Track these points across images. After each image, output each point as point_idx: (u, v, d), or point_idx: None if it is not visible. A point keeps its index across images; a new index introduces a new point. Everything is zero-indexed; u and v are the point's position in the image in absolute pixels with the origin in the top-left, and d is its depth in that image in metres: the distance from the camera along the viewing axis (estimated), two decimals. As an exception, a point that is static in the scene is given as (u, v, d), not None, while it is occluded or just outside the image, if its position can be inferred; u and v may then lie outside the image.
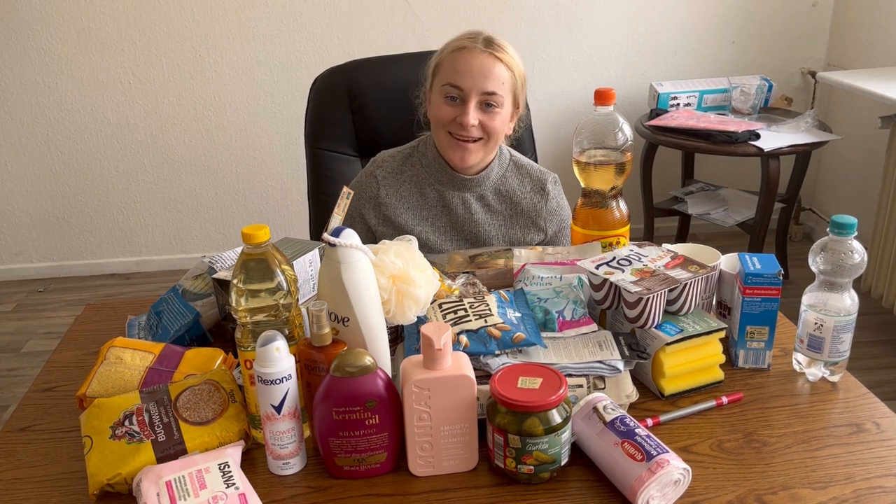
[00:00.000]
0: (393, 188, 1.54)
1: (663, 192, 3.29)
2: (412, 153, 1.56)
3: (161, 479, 0.91)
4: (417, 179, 1.54)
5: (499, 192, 1.55)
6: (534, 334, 1.08)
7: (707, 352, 1.12)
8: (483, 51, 1.43)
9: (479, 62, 1.42)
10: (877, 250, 2.69)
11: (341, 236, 0.97)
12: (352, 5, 3.10)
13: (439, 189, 1.53)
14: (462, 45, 1.44)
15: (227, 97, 3.21)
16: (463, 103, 1.43)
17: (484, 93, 1.43)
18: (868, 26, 3.09)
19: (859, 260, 1.09)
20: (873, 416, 1.07)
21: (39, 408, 1.15)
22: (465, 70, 1.42)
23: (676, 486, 0.92)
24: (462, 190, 1.53)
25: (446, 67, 1.45)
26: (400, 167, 1.55)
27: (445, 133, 1.47)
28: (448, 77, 1.44)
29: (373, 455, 0.97)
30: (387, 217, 1.54)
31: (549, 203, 1.57)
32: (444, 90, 1.44)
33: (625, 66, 3.31)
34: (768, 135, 2.75)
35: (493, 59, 1.43)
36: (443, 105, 1.45)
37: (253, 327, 0.99)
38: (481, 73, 1.42)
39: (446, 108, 1.45)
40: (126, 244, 3.42)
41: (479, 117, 1.43)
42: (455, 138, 1.46)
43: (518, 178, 1.57)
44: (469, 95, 1.42)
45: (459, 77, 1.42)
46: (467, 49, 1.43)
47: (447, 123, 1.45)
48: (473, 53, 1.43)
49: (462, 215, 1.54)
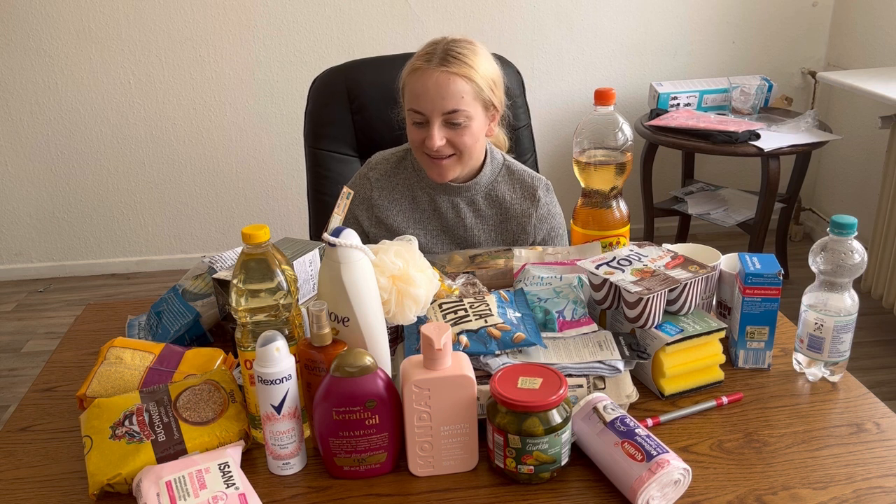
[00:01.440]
0: (386, 191, 1.54)
1: (663, 192, 3.29)
2: (405, 156, 1.56)
3: (161, 479, 0.91)
4: (409, 184, 1.54)
5: (489, 198, 1.54)
6: (534, 334, 1.08)
7: (707, 352, 1.12)
8: (437, 68, 1.39)
9: (434, 82, 1.38)
10: (877, 250, 2.69)
11: (341, 236, 0.97)
12: (352, 5, 3.10)
13: (430, 193, 1.53)
14: (416, 65, 1.41)
15: (227, 97, 3.21)
16: (427, 125, 1.41)
17: (445, 113, 1.39)
18: (868, 26, 3.09)
19: (859, 260, 1.09)
20: (873, 416, 1.07)
21: (39, 408, 1.15)
22: (423, 93, 1.39)
23: (676, 486, 0.92)
24: (452, 195, 1.53)
25: (408, 91, 1.44)
26: (393, 170, 1.55)
27: (420, 153, 1.47)
28: (410, 102, 1.43)
29: (373, 455, 0.97)
30: (379, 219, 1.54)
31: (540, 210, 1.54)
32: (410, 115, 1.44)
33: (625, 66, 3.31)
34: (768, 135, 2.75)
35: (448, 76, 1.38)
36: (412, 128, 1.44)
37: (253, 327, 0.99)
38: (438, 94, 1.38)
39: (415, 131, 1.44)
40: (126, 244, 3.42)
41: (445, 136, 1.41)
42: (429, 157, 1.45)
43: (509, 184, 1.54)
44: (431, 117, 1.40)
45: (419, 101, 1.40)
46: (421, 70, 1.40)
47: (418, 145, 1.45)
48: (427, 74, 1.39)
49: (452, 220, 1.54)
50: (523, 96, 1.84)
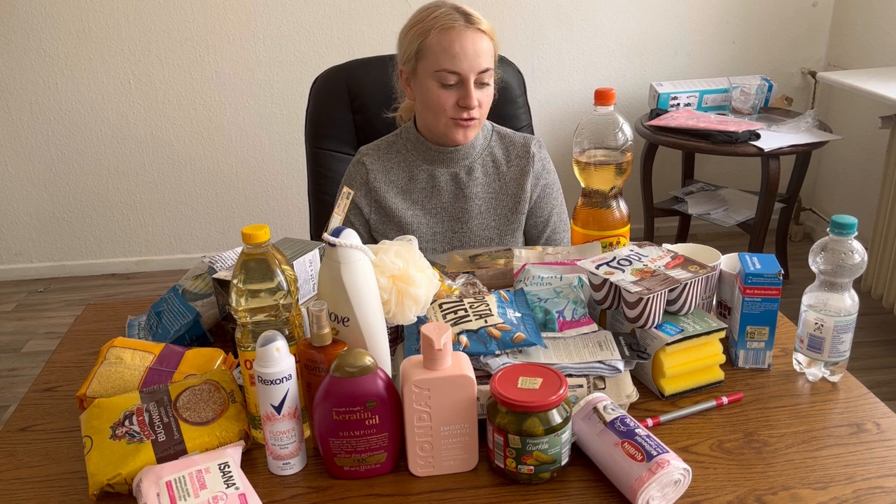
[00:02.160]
0: (381, 173, 1.54)
1: (663, 192, 3.29)
2: (395, 140, 1.57)
3: (161, 480, 0.91)
4: (406, 163, 1.54)
5: (486, 163, 1.55)
6: (534, 334, 1.08)
7: (707, 352, 1.12)
8: (468, 27, 1.40)
9: (471, 41, 1.39)
10: (877, 250, 2.69)
11: (341, 236, 0.97)
12: (352, 5, 3.10)
13: (427, 168, 1.53)
14: (446, 24, 1.40)
15: (227, 97, 3.21)
16: (462, 86, 1.41)
17: (479, 71, 1.41)
18: (868, 26, 3.09)
19: (859, 260, 1.09)
20: (873, 416, 1.07)
21: (39, 408, 1.15)
22: (460, 52, 1.39)
23: (676, 486, 0.92)
24: (449, 165, 1.53)
25: (436, 51, 1.40)
26: (386, 153, 1.55)
27: (447, 118, 1.44)
28: (442, 62, 1.40)
29: (373, 455, 0.97)
30: (378, 202, 1.54)
31: (536, 166, 1.56)
32: (438, 76, 1.41)
33: (625, 66, 3.31)
34: (768, 135, 2.75)
35: (480, 35, 1.41)
36: (439, 91, 1.42)
37: (253, 327, 0.99)
38: (475, 53, 1.40)
39: (444, 94, 1.42)
40: (126, 244, 3.42)
41: (477, 97, 1.42)
42: (458, 121, 1.44)
43: (502, 147, 1.57)
44: (467, 77, 1.40)
45: (455, 61, 1.39)
46: (454, 30, 1.39)
47: (448, 108, 1.43)
48: (462, 34, 1.39)
49: (452, 191, 1.54)
50: (523, 96, 1.84)
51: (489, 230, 1.56)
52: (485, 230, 1.55)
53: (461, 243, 1.55)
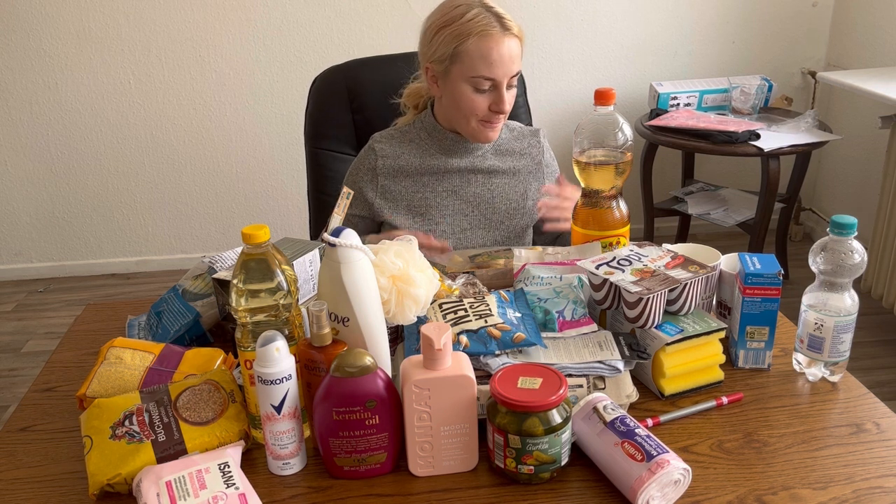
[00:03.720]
0: (391, 159, 1.56)
1: (663, 192, 3.29)
2: (410, 129, 1.59)
3: (161, 480, 0.91)
4: (419, 150, 1.57)
5: (499, 152, 1.59)
6: (534, 334, 1.08)
7: (707, 352, 1.12)
8: (504, 33, 1.42)
9: (507, 48, 1.42)
10: (877, 250, 2.69)
11: (341, 236, 0.97)
12: (352, 5, 3.10)
13: (440, 156, 1.56)
14: (484, 31, 1.41)
15: (227, 97, 3.21)
16: (495, 90, 1.45)
17: (511, 76, 1.46)
18: (868, 26, 3.09)
19: (859, 260, 1.09)
20: (873, 416, 1.07)
21: (39, 408, 1.15)
22: (497, 59, 1.41)
23: (676, 486, 0.92)
24: (463, 155, 1.56)
25: (474, 57, 1.42)
26: (399, 139, 1.58)
27: (477, 120, 1.48)
28: (479, 68, 1.42)
29: (373, 455, 0.97)
30: (384, 188, 1.56)
31: (545, 155, 1.63)
32: (474, 82, 1.44)
33: (625, 66, 3.31)
34: (768, 135, 2.75)
35: (514, 39, 1.44)
36: (473, 96, 1.45)
37: (253, 327, 0.99)
38: (510, 59, 1.43)
39: (478, 98, 1.45)
40: (126, 244, 3.42)
41: (507, 99, 1.47)
42: (488, 123, 1.48)
43: (512, 137, 1.62)
44: (501, 83, 1.44)
45: (493, 68, 1.42)
46: (493, 37, 1.41)
47: (480, 112, 1.47)
48: (500, 41, 1.41)
49: (465, 176, 1.57)
50: (523, 96, 1.84)
51: (499, 214, 1.58)
52: (495, 213, 1.58)
53: (471, 226, 1.57)
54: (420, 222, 1.55)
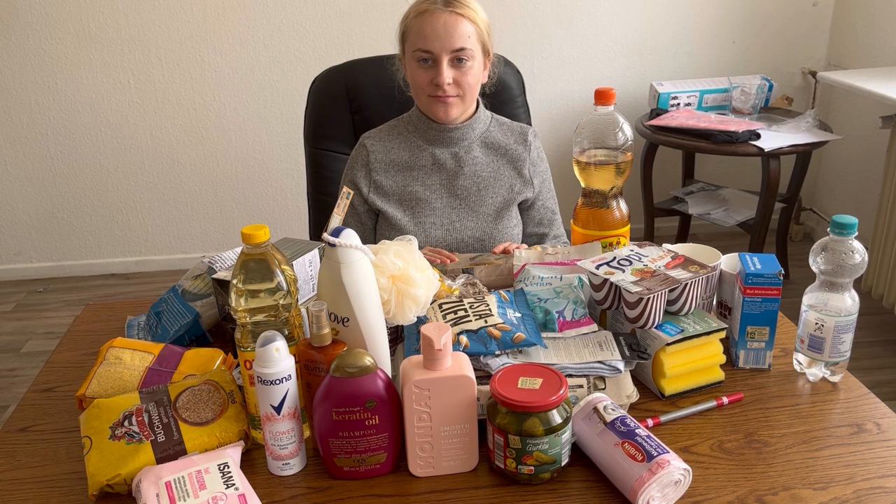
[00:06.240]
0: (382, 153, 1.59)
1: (663, 192, 3.28)
2: (397, 123, 1.63)
3: (161, 480, 0.91)
4: (407, 143, 1.60)
5: (485, 144, 1.61)
6: (534, 334, 1.08)
7: (707, 352, 1.12)
8: (444, 10, 1.48)
9: (443, 22, 1.47)
10: (877, 250, 2.69)
11: (341, 236, 0.97)
12: (352, 5, 3.10)
13: (428, 148, 1.59)
14: (423, 8, 1.49)
15: (227, 97, 3.21)
16: (435, 64, 1.48)
17: (453, 50, 1.47)
18: (868, 26, 3.09)
19: (860, 260, 1.09)
20: (874, 416, 1.07)
21: (39, 408, 1.15)
22: (431, 33, 1.47)
23: (677, 486, 0.92)
24: (450, 145, 1.59)
25: (413, 32, 1.50)
26: (388, 134, 1.62)
27: (425, 95, 1.53)
28: (417, 42, 1.49)
29: (373, 455, 0.97)
30: (377, 182, 1.58)
31: (532, 153, 1.63)
32: (415, 55, 1.50)
33: (625, 66, 3.31)
34: (769, 135, 2.75)
35: (456, 17, 1.48)
36: (417, 69, 1.51)
37: (253, 328, 0.99)
38: (447, 33, 1.47)
39: (421, 72, 1.50)
40: (126, 244, 3.42)
41: (452, 75, 1.49)
42: (435, 98, 1.52)
43: (501, 131, 1.63)
44: (440, 56, 1.47)
45: (427, 41, 1.47)
46: (429, 12, 1.48)
47: (424, 86, 1.51)
48: (436, 15, 1.47)
49: (452, 168, 1.59)
50: (523, 96, 1.84)
51: (487, 206, 1.59)
52: (482, 206, 1.59)
53: (459, 219, 1.58)
54: (410, 215, 1.57)
